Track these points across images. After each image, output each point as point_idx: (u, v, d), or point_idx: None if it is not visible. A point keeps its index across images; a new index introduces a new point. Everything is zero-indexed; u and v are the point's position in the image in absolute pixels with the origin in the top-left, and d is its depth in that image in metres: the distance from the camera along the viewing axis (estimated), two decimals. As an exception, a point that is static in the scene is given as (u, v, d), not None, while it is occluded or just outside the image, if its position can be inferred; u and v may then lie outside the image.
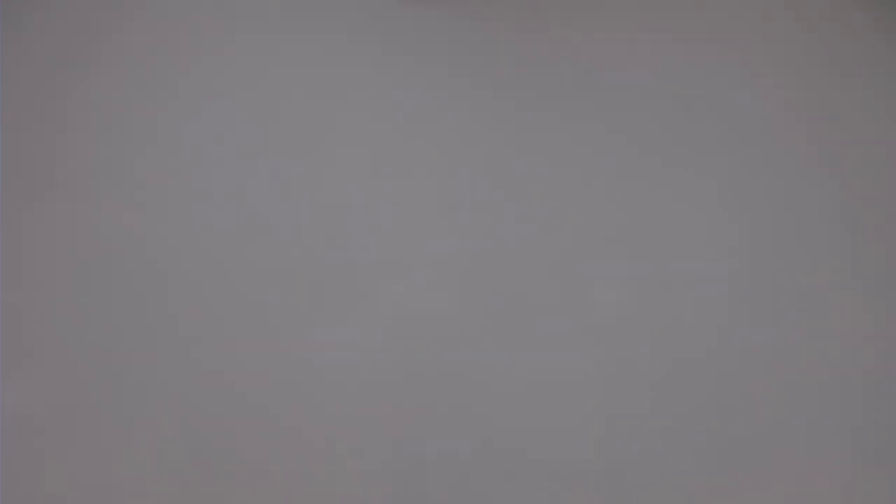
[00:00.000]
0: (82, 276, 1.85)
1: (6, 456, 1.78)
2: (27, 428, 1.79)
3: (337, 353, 1.84)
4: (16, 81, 1.91)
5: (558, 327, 1.85)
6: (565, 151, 1.90)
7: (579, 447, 1.81)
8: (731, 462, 1.80)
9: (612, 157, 1.90)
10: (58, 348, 1.82)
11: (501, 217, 1.88)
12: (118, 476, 1.79)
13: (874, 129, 1.90)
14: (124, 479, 1.79)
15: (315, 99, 1.92)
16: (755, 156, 1.90)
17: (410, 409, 1.82)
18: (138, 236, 1.87)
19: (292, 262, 1.86)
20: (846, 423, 1.81)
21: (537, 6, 1.95)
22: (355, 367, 1.84)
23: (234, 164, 1.89)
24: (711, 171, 1.89)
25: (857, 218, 1.87)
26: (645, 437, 1.81)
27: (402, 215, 1.89)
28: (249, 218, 1.88)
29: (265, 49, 1.93)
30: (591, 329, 1.84)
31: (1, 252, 1.85)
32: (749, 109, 1.91)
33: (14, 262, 1.85)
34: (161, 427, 1.81)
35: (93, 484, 1.79)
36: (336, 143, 1.91)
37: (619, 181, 1.89)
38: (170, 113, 1.91)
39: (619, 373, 1.83)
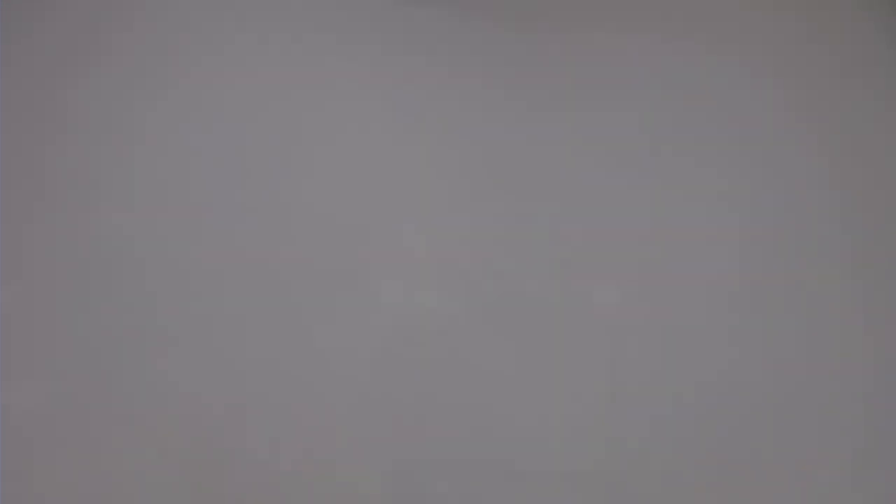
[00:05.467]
0: (82, 275, 1.85)
1: (6, 456, 1.78)
2: (27, 428, 1.79)
3: (336, 353, 1.84)
4: (16, 81, 1.91)
5: (560, 328, 1.85)
6: (566, 151, 1.90)
7: (578, 447, 1.81)
8: (732, 464, 1.80)
9: (613, 158, 1.90)
10: (58, 348, 1.82)
11: (502, 217, 1.88)
12: (119, 475, 1.79)
13: (876, 128, 1.90)
14: (125, 479, 1.79)
15: (315, 99, 1.92)
16: (757, 157, 1.90)
17: (410, 408, 1.82)
18: (138, 236, 1.87)
19: (292, 263, 1.86)
20: (848, 425, 1.81)
21: (537, 6, 1.95)
22: (355, 367, 1.84)
23: (233, 163, 1.89)
24: (713, 172, 1.89)
25: (859, 218, 1.87)
26: (646, 440, 1.81)
27: (402, 215, 1.88)
28: (249, 218, 1.88)
29: (265, 50, 1.93)
30: (594, 330, 1.84)
31: (1, 252, 1.85)
32: (751, 110, 1.91)
33: (14, 262, 1.85)
34: (162, 426, 1.81)
35: (93, 483, 1.79)
36: (336, 143, 1.91)
37: (621, 182, 1.89)
38: (169, 113, 1.91)
39: (619, 373, 1.83)
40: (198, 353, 1.83)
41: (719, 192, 1.88)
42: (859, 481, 1.79)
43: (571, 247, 1.87)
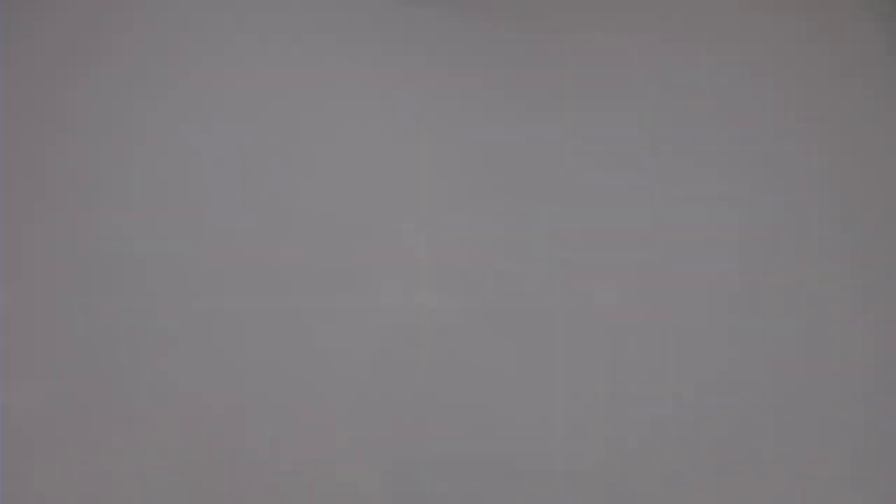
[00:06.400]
0: (82, 275, 1.85)
1: (6, 456, 1.78)
2: (27, 428, 1.79)
3: (336, 353, 1.84)
4: (16, 81, 1.91)
5: (560, 328, 1.85)
6: (566, 151, 1.90)
7: (579, 447, 1.81)
8: (732, 464, 1.80)
9: (613, 158, 1.90)
10: (58, 348, 1.82)
11: (502, 217, 1.88)
12: (119, 475, 1.79)
13: (876, 128, 1.90)
14: (125, 479, 1.79)
15: (315, 99, 1.92)
16: (757, 157, 1.90)
17: (410, 408, 1.82)
18: (138, 236, 1.87)
19: (292, 263, 1.86)
20: (848, 424, 1.81)
21: (537, 6, 1.95)
22: (355, 367, 1.84)
23: (233, 163, 1.89)
24: (713, 172, 1.89)
25: (859, 218, 1.87)
26: (645, 438, 1.81)
27: (402, 215, 1.88)
28: (249, 218, 1.88)
29: (265, 50, 1.93)
30: (594, 330, 1.84)
31: (1, 252, 1.85)
32: (751, 110, 1.91)
33: (14, 262, 1.85)
34: (162, 426, 1.81)
35: (93, 483, 1.79)
36: (336, 143, 1.91)
37: (621, 182, 1.89)
38: (169, 113, 1.91)
39: (619, 373, 1.83)
40: (198, 353, 1.83)
41: (719, 192, 1.88)
42: (859, 481, 1.79)
43: (571, 247, 1.87)
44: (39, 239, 1.85)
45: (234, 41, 1.94)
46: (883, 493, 1.79)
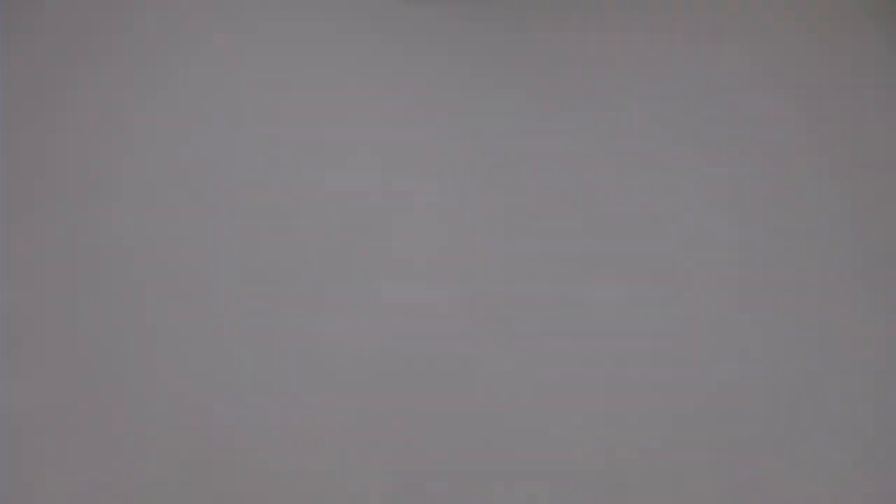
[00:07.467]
0: (82, 275, 1.85)
1: (6, 456, 1.78)
2: (27, 428, 1.80)
3: (336, 352, 1.84)
4: (16, 81, 1.91)
5: (558, 327, 1.85)
6: (565, 151, 1.90)
7: (578, 448, 1.81)
8: (731, 463, 1.80)
9: (612, 157, 1.90)
10: (58, 348, 1.82)
11: (502, 216, 1.88)
12: (119, 476, 1.79)
13: (876, 129, 1.90)
14: (125, 480, 1.79)
15: (316, 100, 1.92)
16: (757, 156, 1.90)
17: (410, 408, 1.83)
18: (138, 236, 1.87)
19: (292, 262, 1.87)
20: (848, 425, 1.81)
21: (537, 5, 1.95)
22: (355, 366, 1.84)
23: (233, 164, 1.90)
24: (713, 171, 1.89)
25: (859, 218, 1.87)
26: (644, 439, 1.81)
27: (402, 214, 1.89)
28: (249, 218, 1.88)
29: (269, 49, 1.94)
30: (592, 329, 1.84)
31: (1, 252, 1.85)
32: (750, 110, 1.91)
33: (14, 261, 1.85)
34: (161, 427, 1.81)
35: (94, 484, 1.79)
36: (336, 143, 1.91)
37: (620, 181, 1.89)
38: (168, 112, 1.91)
39: (620, 373, 1.83)
40: (197, 354, 1.83)
41: (720, 192, 1.88)
42: (860, 482, 1.79)
43: (572, 247, 1.87)
44: (39, 239, 1.86)
45: (238, 39, 1.94)
46: (884, 494, 1.79)
